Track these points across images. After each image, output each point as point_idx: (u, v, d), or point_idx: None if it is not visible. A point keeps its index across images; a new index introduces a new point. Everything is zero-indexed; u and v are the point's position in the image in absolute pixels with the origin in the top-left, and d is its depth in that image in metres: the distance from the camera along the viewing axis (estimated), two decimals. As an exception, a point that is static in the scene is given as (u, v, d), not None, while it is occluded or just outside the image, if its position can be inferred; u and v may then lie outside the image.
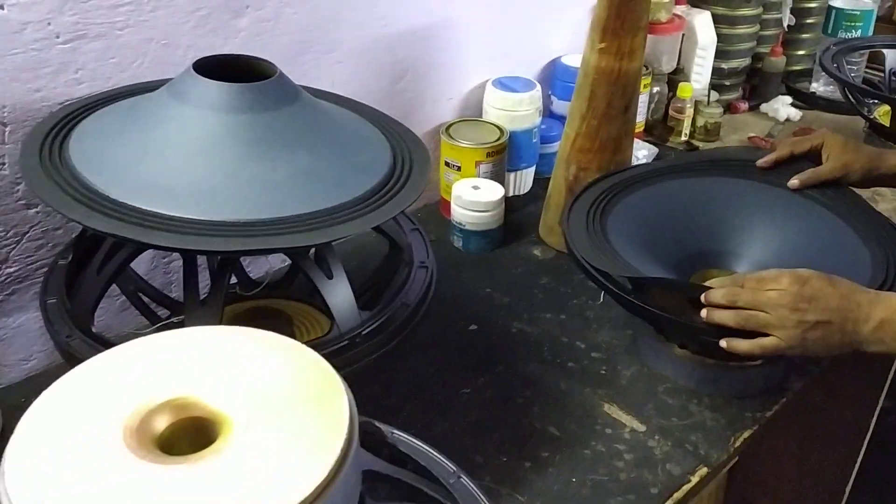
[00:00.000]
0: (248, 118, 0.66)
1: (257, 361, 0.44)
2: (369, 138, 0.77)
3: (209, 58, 0.70)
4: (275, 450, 0.39)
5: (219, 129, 0.66)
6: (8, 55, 0.78)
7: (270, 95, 0.69)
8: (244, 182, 0.64)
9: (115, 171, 0.65)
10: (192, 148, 0.65)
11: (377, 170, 0.72)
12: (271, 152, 0.66)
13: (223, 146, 0.65)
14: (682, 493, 0.79)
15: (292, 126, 0.69)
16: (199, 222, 0.61)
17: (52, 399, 0.42)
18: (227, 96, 0.66)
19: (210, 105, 0.66)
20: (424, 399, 0.89)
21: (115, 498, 0.36)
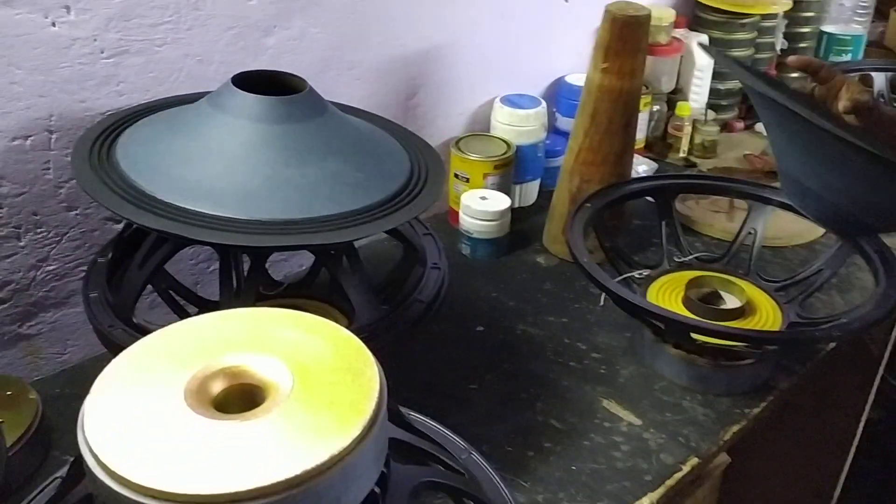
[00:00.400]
0: (283, 128, 0.73)
1: (298, 336, 0.50)
2: (390, 148, 0.84)
3: (246, 73, 0.77)
4: (315, 410, 0.45)
5: (255, 138, 0.72)
6: (57, 68, 0.85)
7: (302, 108, 0.75)
8: (279, 185, 0.71)
9: (160, 173, 0.71)
10: (231, 154, 0.72)
11: (398, 176, 0.79)
12: (303, 159, 0.73)
13: (259, 153, 0.72)
14: (674, 481, 0.84)
15: (321, 136, 0.75)
16: (239, 221, 0.67)
17: (121, 365, 0.48)
18: (263, 108, 0.73)
19: (248, 116, 0.73)
20: (436, 393, 0.95)
21: (178, 446, 0.42)
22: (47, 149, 0.87)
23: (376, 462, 0.47)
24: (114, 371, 0.47)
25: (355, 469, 0.44)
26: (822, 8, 1.65)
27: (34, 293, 0.92)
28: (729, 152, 1.57)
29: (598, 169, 1.14)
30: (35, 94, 0.84)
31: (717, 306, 0.98)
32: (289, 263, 1.14)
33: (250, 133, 0.72)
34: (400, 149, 0.85)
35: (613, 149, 1.12)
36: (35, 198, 0.88)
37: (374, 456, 0.46)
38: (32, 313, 0.93)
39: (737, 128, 1.66)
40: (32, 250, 0.90)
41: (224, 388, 0.47)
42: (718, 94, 1.62)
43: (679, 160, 1.52)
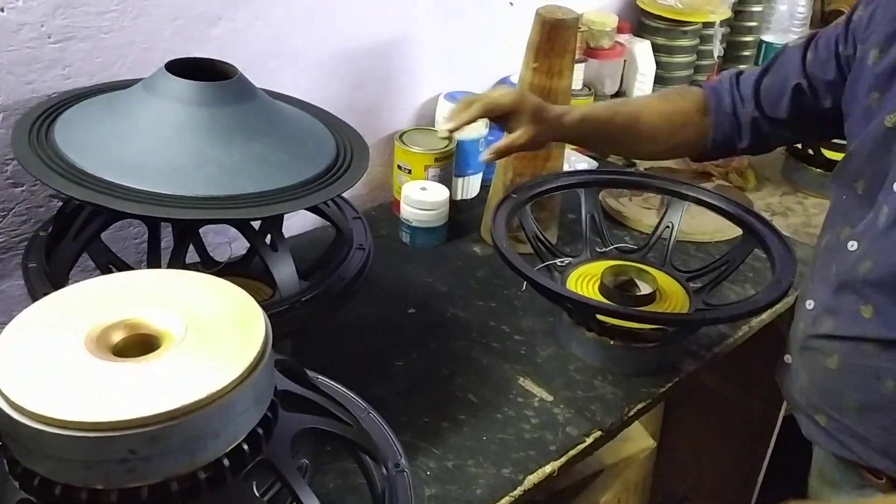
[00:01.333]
0: (211, 111, 0.78)
1: (194, 294, 0.56)
2: (317, 133, 0.90)
3: (179, 60, 0.82)
4: (202, 356, 0.51)
5: (184, 119, 0.78)
6: (4, 51, 0.90)
7: (231, 93, 0.81)
8: (204, 164, 0.76)
9: (93, 150, 0.77)
10: (161, 134, 0.77)
11: (322, 159, 0.84)
12: (229, 140, 0.78)
13: (188, 133, 0.77)
14: (577, 451, 0.90)
15: (248, 119, 0.81)
16: (164, 195, 0.73)
17: (31, 314, 0.53)
18: (193, 92, 0.78)
19: (178, 99, 0.78)
20: (361, 369, 1.00)
21: (74, 382, 0.48)
22: (-6, 127, 0.92)
23: (257, 405, 0.52)
24: (24, 318, 0.53)
25: (233, 408, 0.50)
26: (763, 18, 1.73)
27: (-21, 265, 0.97)
28: (669, 153, 1.64)
29: (530, 163, 1.20)
30: (-18, 74, 0.89)
31: (632, 293, 1.04)
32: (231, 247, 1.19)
33: (179, 115, 0.77)
34: (327, 134, 0.90)
35: (544, 144, 1.18)
36: (-19, 173, 0.93)
37: (254, 399, 0.52)
38: (-22, 284, 0.98)
39: (679, 130, 1.72)
40: (-22, 224, 0.95)
41: (123, 337, 0.53)
42: (662, 97, 1.69)
43: (620, 159, 1.59)
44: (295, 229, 1.26)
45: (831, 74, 0.91)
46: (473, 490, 0.84)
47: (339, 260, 0.90)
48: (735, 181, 1.50)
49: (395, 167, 1.32)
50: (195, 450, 0.48)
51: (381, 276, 1.18)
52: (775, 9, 1.70)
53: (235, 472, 0.51)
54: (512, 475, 0.86)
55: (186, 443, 0.47)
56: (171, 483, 0.48)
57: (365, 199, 1.37)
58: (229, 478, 0.51)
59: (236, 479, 0.51)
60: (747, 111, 0.98)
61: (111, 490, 0.47)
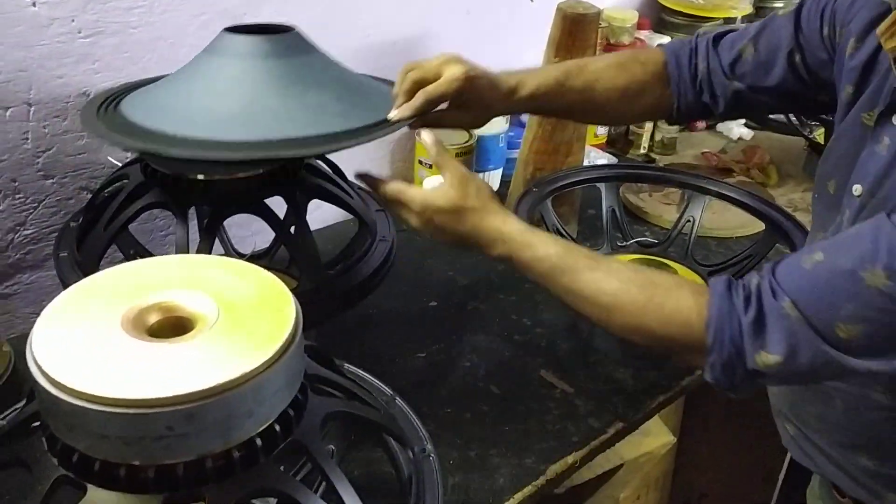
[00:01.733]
0: (266, 63, 0.79)
1: (227, 278, 0.57)
2: (378, 87, 0.89)
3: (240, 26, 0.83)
4: (235, 338, 0.52)
5: (240, 72, 0.78)
6: (36, 45, 0.92)
7: (288, 46, 0.81)
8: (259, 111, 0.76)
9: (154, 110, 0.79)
10: (218, 87, 0.78)
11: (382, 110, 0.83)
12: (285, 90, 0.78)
13: (244, 85, 0.78)
14: (599, 442, 0.91)
15: (305, 71, 0.81)
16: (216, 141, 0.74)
17: (69, 296, 0.54)
18: (250, 46, 0.79)
19: (235, 54, 0.79)
20: (384, 360, 1.01)
21: (111, 361, 0.49)
22: (26, 120, 0.94)
23: (288, 386, 0.53)
24: (62, 300, 0.54)
25: (266, 388, 0.51)
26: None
27: (11, 255, 0.99)
28: (689, 150, 1.64)
29: (550, 158, 1.20)
30: (15, 68, 0.91)
31: (653, 287, 1.04)
32: (255, 239, 1.20)
33: (235, 68, 0.78)
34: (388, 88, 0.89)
35: (564, 139, 1.19)
36: (14, 165, 0.95)
37: (286, 380, 0.53)
38: (9, 274, 1.00)
39: (698, 127, 1.73)
40: (10, 215, 0.97)
41: (158, 319, 0.54)
42: (682, 94, 1.69)
43: (639, 156, 1.59)
44: (317, 223, 1.27)
45: (820, 50, 0.80)
46: (496, 479, 0.85)
47: (362, 251, 0.91)
48: (756, 177, 1.49)
49: (416, 162, 1.33)
50: (229, 428, 0.49)
51: (402, 269, 1.18)
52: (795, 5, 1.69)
53: (267, 453, 0.52)
54: (534, 465, 0.87)
55: (221, 421, 0.49)
56: (205, 461, 0.49)
57: (386, 194, 1.38)
58: (262, 458, 0.52)
59: (268, 459, 0.52)
60: (724, 80, 0.88)
61: (148, 466, 0.48)
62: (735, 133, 1.69)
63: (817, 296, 0.60)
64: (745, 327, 0.61)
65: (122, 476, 0.48)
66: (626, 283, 0.69)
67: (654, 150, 1.61)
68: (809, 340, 0.60)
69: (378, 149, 1.38)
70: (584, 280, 0.70)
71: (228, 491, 0.50)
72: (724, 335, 0.62)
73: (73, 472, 0.50)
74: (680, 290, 0.67)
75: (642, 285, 0.68)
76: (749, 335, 0.61)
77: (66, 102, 0.96)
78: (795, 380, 0.62)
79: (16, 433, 0.56)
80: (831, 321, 0.59)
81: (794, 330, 0.60)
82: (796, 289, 0.61)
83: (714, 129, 1.73)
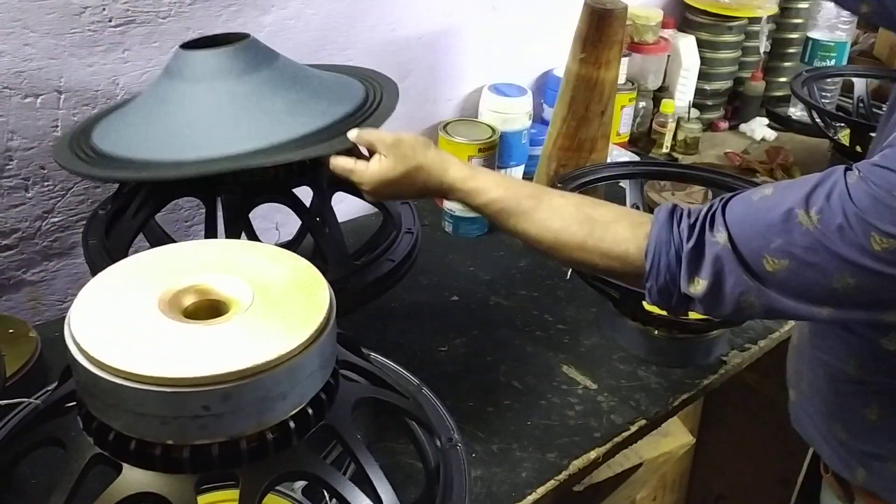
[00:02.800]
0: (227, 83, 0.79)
1: (261, 263, 0.57)
2: (340, 81, 0.90)
3: (192, 40, 0.84)
4: (269, 321, 0.52)
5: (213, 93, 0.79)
6: (68, 34, 0.92)
7: (246, 58, 0.81)
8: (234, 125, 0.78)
9: (129, 139, 0.80)
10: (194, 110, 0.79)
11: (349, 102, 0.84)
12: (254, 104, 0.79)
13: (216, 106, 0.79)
14: (621, 439, 0.90)
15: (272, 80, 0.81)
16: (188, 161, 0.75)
17: (107, 276, 0.55)
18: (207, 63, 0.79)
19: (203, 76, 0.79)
20: (407, 353, 1.01)
21: (149, 340, 0.49)
22: (56, 108, 0.95)
23: (321, 370, 0.53)
24: (100, 281, 0.54)
25: (300, 371, 0.51)
26: (810, 14, 1.71)
27: (39, 242, 1.00)
28: (711, 150, 1.64)
29: (574, 154, 1.20)
30: (46, 56, 0.91)
31: (677, 284, 1.04)
32: (279, 231, 1.21)
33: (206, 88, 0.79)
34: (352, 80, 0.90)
35: (589, 136, 1.18)
36: (43, 153, 0.96)
37: (320, 364, 0.53)
38: (37, 261, 1.01)
39: (721, 127, 1.72)
40: (39, 202, 0.98)
41: (194, 301, 0.54)
42: (704, 94, 1.68)
43: (662, 155, 1.58)
44: (340, 216, 1.27)
45: None
46: (519, 473, 0.85)
47: (388, 242, 0.91)
48: (780, 178, 1.48)
49: (439, 157, 1.33)
50: (264, 410, 0.49)
51: (424, 264, 1.19)
52: (822, 5, 1.68)
53: (300, 436, 0.52)
54: (557, 460, 0.87)
55: (256, 402, 0.49)
56: (239, 442, 0.50)
57: (408, 189, 1.38)
58: (294, 440, 0.52)
59: (301, 442, 0.52)
60: None
61: (184, 446, 0.48)
62: (758, 134, 1.68)
63: (752, 227, 0.62)
64: (683, 255, 0.64)
65: (157, 455, 0.49)
66: (567, 221, 0.72)
67: (676, 149, 1.60)
68: (733, 269, 0.62)
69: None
70: (528, 221, 0.74)
71: (261, 472, 0.50)
72: (660, 263, 0.66)
73: (108, 451, 0.50)
74: (618, 224, 0.70)
75: (582, 222, 0.71)
76: (686, 263, 0.64)
77: (96, 91, 0.97)
78: (722, 310, 0.65)
79: (50, 412, 0.56)
80: (760, 252, 0.61)
81: (721, 257, 0.62)
82: (737, 220, 0.63)
83: (737, 129, 1.72)
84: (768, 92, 1.76)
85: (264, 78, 0.81)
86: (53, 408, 0.57)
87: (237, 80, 0.80)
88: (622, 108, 1.53)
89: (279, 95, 0.81)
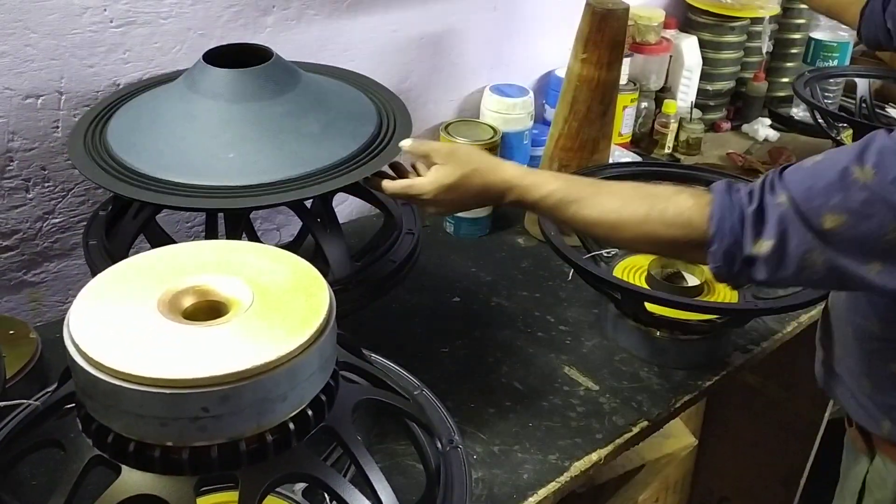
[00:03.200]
0: (246, 106, 0.80)
1: (261, 264, 0.57)
2: (359, 108, 0.89)
3: (217, 48, 0.84)
4: (269, 322, 0.52)
5: (222, 114, 0.80)
6: (68, 34, 0.92)
7: (268, 80, 0.81)
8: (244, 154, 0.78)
9: (144, 150, 0.80)
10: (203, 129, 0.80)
11: (361, 135, 0.84)
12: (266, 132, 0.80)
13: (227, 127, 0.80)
14: (623, 440, 0.90)
15: (286, 109, 0.82)
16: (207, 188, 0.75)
17: (106, 277, 0.54)
18: (228, 83, 0.80)
19: (215, 93, 0.80)
20: (408, 355, 1.00)
21: (148, 341, 0.49)
22: (57, 108, 0.95)
23: (321, 371, 0.53)
24: (99, 282, 0.54)
25: (300, 372, 0.50)
26: (812, 15, 1.70)
27: (40, 243, 1.00)
28: (714, 150, 1.63)
29: (576, 155, 1.20)
30: (47, 57, 0.91)
31: (679, 285, 1.03)
32: (280, 232, 1.21)
33: (217, 109, 0.80)
34: (370, 107, 0.90)
35: (591, 136, 1.18)
36: (44, 153, 0.95)
37: (319, 366, 0.53)
38: (37, 262, 1.01)
39: (724, 127, 1.71)
40: (40, 203, 0.98)
41: (193, 302, 0.54)
42: (707, 94, 1.68)
43: (664, 156, 1.58)
44: (341, 217, 1.27)
45: None
46: (520, 474, 0.84)
47: (389, 243, 0.91)
48: (782, 178, 1.48)
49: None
50: (263, 412, 0.49)
51: (425, 265, 1.19)
52: (824, 6, 1.68)
53: (300, 437, 0.52)
54: (558, 461, 0.86)
55: (255, 404, 0.48)
56: (239, 444, 0.49)
57: (409, 189, 1.38)
58: (294, 442, 0.51)
59: (301, 443, 0.52)
60: None
61: (183, 447, 0.48)
62: (761, 134, 1.67)
63: (811, 187, 0.65)
64: (746, 217, 0.67)
65: (156, 457, 0.48)
66: (628, 200, 0.74)
67: (678, 150, 1.60)
68: (798, 228, 0.65)
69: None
70: (588, 206, 0.76)
71: (261, 474, 0.50)
72: (725, 226, 0.68)
73: (107, 453, 0.50)
74: (679, 196, 0.72)
75: (643, 197, 0.74)
76: (749, 224, 0.67)
77: (97, 92, 0.96)
78: (785, 271, 0.67)
79: (50, 414, 0.56)
80: (820, 210, 0.64)
81: (785, 217, 0.65)
82: (796, 182, 0.66)
83: (739, 129, 1.72)
84: (771, 92, 1.75)
85: (295, 98, 0.82)
86: (53, 409, 0.57)
87: (272, 101, 0.81)
88: (624, 109, 1.53)
89: (311, 117, 0.82)
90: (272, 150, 0.79)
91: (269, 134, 0.80)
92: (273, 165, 0.78)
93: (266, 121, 0.80)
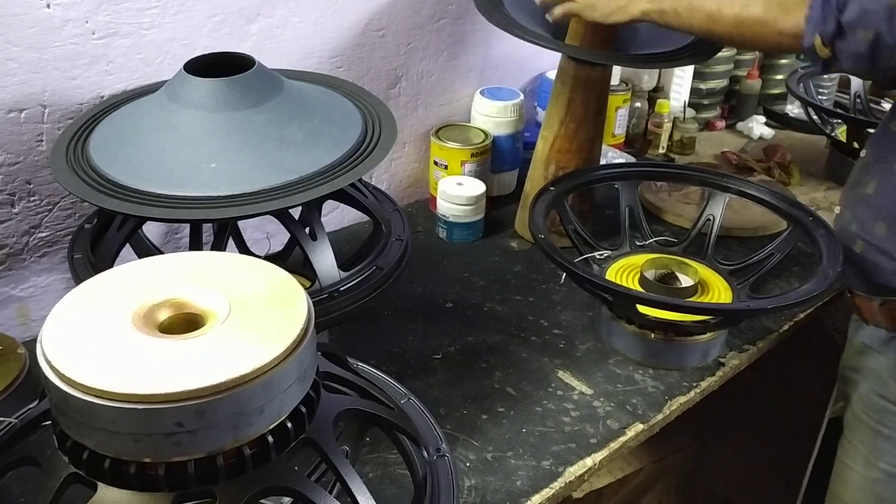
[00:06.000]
0: (229, 115, 0.79)
1: (238, 275, 0.56)
2: (343, 115, 0.88)
3: (197, 57, 0.83)
4: (246, 334, 0.51)
5: (204, 124, 0.79)
6: (50, 47, 0.92)
7: (251, 88, 0.80)
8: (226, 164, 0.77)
9: (125, 162, 0.79)
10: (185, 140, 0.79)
11: (345, 142, 0.83)
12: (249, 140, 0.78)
13: (209, 138, 0.78)
14: (618, 444, 0.89)
15: (270, 117, 0.80)
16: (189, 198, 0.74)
17: (80, 292, 0.54)
18: (211, 93, 0.79)
19: (197, 104, 0.79)
20: (400, 362, 1.00)
21: (121, 356, 0.48)
22: (41, 122, 0.94)
23: (300, 383, 0.52)
24: (73, 297, 0.53)
25: (277, 384, 0.49)
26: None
27: (27, 258, 0.99)
28: (708, 149, 1.62)
29: (574, 156, 1.19)
30: (30, 70, 0.91)
31: (673, 286, 1.02)
32: (270, 241, 1.20)
33: (200, 119, 0.79)
34: (355, 113, 0.89)
35: (587, 136, 1.17)
36: (29, 167, 0.95)
37: (298, 377, 0.52)
38: (25, 277, 1.00)
39: (718, 126, 1.70)
40: (25, 217, 0.97)
41: (169, 315, 0.53)
42: (700, 93, 1.67)
43: (658, 156, 1.57)
44: (332, 225, 1.27)
45: None
46: (514, 481, 0.83)
47: (377, 251, 0.90)
48: (778, 176, 1.47)
49: (432, 163, 1.32)
50: (240, 425, 0.48)
51: (418, 270, 1.18)
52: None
53: (279, 450, 0.51)
54: (552, 467, 0.85)
55: (232, 418, 0.48)
56: (216, 458, 0.48)
57: (402, 195, 1.37)
58: (273, 455, 0.51)
59: (280, 457, 0.51)
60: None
61: (159, 463, 0.47)
62: (755, 132, 1.66)
63: None
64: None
65: (132, 474, 0.48)
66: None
67: (672, 149, 1.59)
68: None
69: (392, 150, 1.37)
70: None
71: (240, 489, 0.49)
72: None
73: (83, 470, 0.49)
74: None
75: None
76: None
77: (80, 104, 0.96)
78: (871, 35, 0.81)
79: (27, 431, 0.55)
80: None
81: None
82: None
83: (734, 128, 1.71)
84: (765, 90, 1.74)
85: (278, 106, 0.81)
86: (30, 426, 0.56)
87: (254, 109, 0.80)
88: (617, 110, 1.52)
89: (295, 125, 0.81)
90: (255, 158, 0.78)
91: (252, 143, 0.79)
92: (256, 174, 0.77)
93: (249, 130, 0.80)
